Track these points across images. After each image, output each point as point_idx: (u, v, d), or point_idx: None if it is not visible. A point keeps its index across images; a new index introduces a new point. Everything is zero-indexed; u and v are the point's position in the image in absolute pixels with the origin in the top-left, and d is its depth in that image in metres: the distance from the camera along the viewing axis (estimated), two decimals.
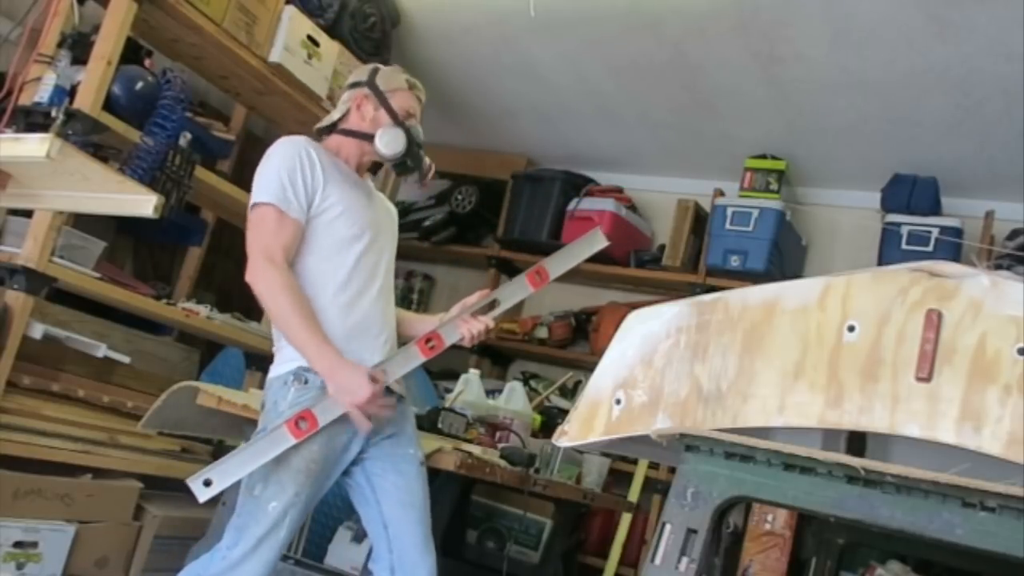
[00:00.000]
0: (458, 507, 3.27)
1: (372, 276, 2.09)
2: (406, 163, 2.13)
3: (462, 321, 2.08)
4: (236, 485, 1.98)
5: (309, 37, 3.21)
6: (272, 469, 1.92)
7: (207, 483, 1.88)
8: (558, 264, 2.11)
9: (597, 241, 2.16)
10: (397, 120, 2.13)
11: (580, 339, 4.52)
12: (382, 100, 2.13)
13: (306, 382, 1.98)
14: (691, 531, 1.30)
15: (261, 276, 1.94)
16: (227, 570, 1.90)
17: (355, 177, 2.16)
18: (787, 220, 3.97)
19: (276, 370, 2.04)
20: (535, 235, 4.40)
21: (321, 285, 2.02)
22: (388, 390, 2.04)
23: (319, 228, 2.03)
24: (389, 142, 2.10)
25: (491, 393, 3.19)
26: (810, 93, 3.52)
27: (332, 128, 2.20)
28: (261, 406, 2.05)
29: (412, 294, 4.93)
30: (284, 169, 2.00)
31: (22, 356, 2.57)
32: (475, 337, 2.07)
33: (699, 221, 4.22)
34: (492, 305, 2.11)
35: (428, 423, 2.59)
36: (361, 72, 2.23)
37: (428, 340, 2.05)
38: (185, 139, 2.76)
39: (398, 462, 2.09)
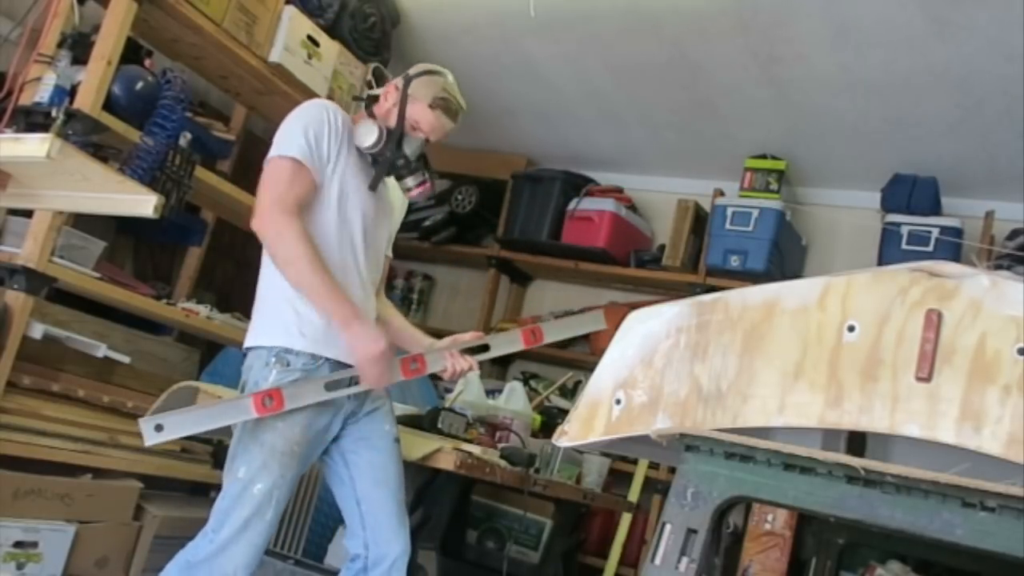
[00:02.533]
0: (458, 507, 3.27)
1: (352, 266, 2.06)
2: (379, 162, 2.09)
3: (450, 355, 2.10)
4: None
5: (309, 37, 3.21)
6: (257, 452, 1.92)
7: (159, 428, 1.87)
8: (555, 332, 2.24)
9: (598, 323, 2.31)
10: (400, 124, 2.09)
11: (580, 339, 4.52)
12: (402, 100, 2.10)
13: (288, 364, 1.96)
14: (691, 531, 1.30)
15: (271, 223, 1.91)
16: (216, 553, 1.90)
17: (367, 159, 2.13)
18: (787, 220, 3.97)
19: (256, 340, 2.01)
20: (535, 235, 4.40)
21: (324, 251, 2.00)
22: None
23: (328, 192, 2.02)
24: (362, 134, 2.06)
25: (491, 393, 3.19)
26: (810, 93, 3.52)
27: (368, 104, 2.18)
28: (241, 387, 2.03)
29: (412, 294, 4.93)
30: (311, 127, 1.99)
31: (22, 356, 2.57)
32: (457, 374, 2.10)
33: (699, 221, 4.22)
34: (482, 349, 2.15)
35: (428, 423, 2.59)
36: (416, 68, 2.18)
37: (413, 361, 2.08)
38: (185, 139, 2.76)
39: (373, 439, 2.10)
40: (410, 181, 2.13)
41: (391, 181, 2.19)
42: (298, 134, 1.98)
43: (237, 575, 1.90)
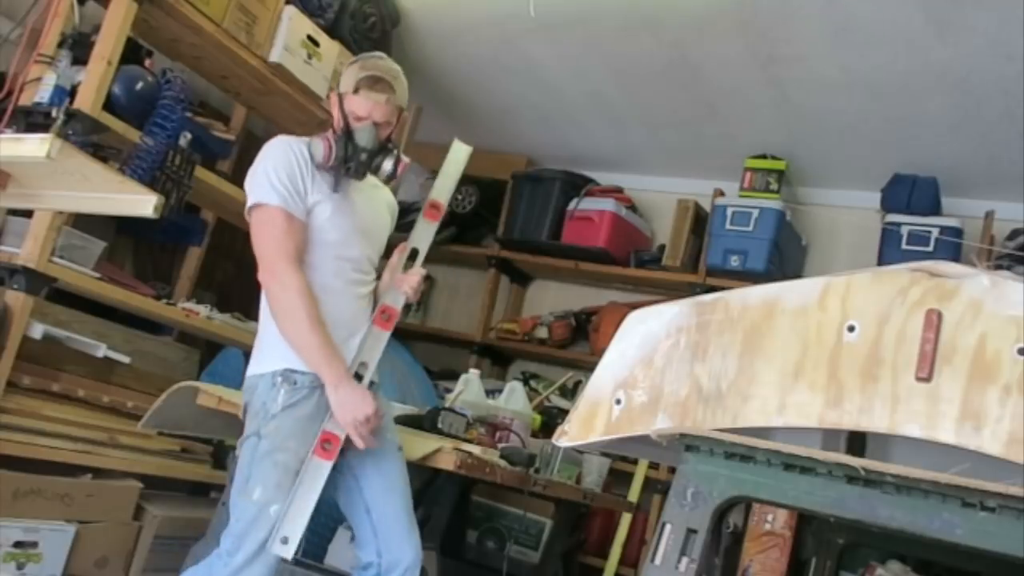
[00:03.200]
0: (458, 507, 3.27)
1: (353, 281, 2.11)
2: (348, 168, 2.09)
3: (399, 282, 2.14)
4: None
5: (309, 37, 3.21)
6: (271, 472, 1.93)
7: (284, 540, 1.90)
8: (441, 187, 2.25)
9: (461, 150, 2.29)
10: (345, 122, 2.09)
11: (580, 339, 4.52)
12: (339, 101, 2.12)
13: (295, 383, 1.98)
14: (691, 531, 1.30)
15: (279, 278, 1.96)
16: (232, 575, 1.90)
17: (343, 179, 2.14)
18: (787, 220, 3.97)
19: (259, 368, 2.03)
20: (535, 235, 4.40)
21: (319, 279, 2.03)
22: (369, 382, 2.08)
23: (312, 225, 2.05)
24: (314, 154, 2.07)
25: (491, 393, 3.19)
26: (810, 93, 3.52)
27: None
28: (244, 408, 2.05)
29: None
30: (283, 170, 2.01)
31: (22, 356, 2.57)
32: (416, 291, 2.14)
33: (699, 221, 4.22)
34: (413, 255, 2.18)
35: (428, 423, 2.59)
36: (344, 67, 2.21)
37: (383, 312, 2.10)
38: (185, 139, 2.76)
39: (377, 448, 2.10)
40: (386, 165, 2.14)
41: (377, 193, 2.23)
42: (275, 180, 2.00)
43: None
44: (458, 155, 2.28)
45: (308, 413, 1.98)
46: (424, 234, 2.21)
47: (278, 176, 2.00)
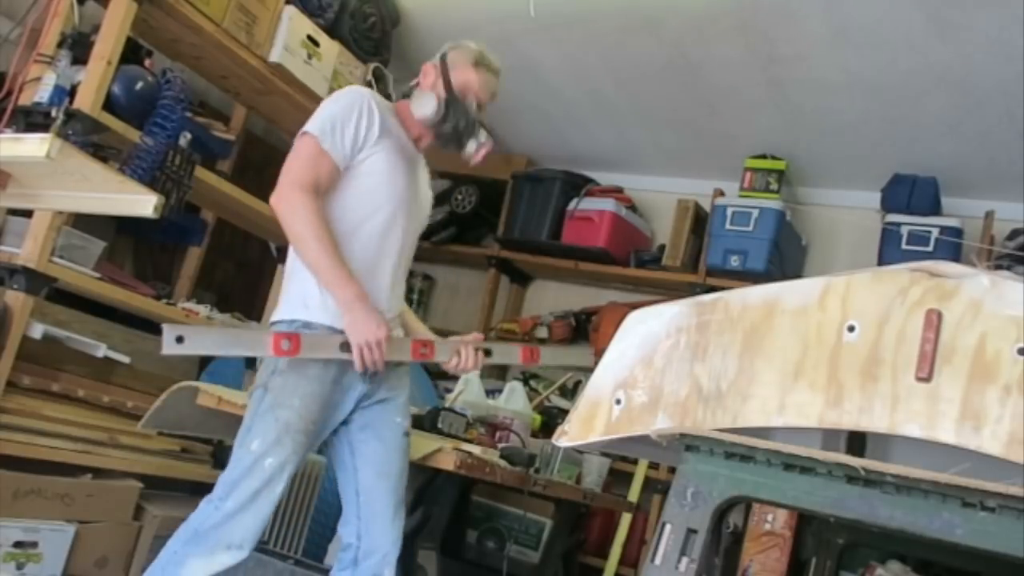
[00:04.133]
0: (458, 507, 3.27)
1: (383, 252, 2.09)
2: (443, 131, 2.13)
3: (461, 348, 2.13)
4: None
5: (309, 37, 3.21)
6: (272, 427, 1.93)
7: (179, 339, 1.87)
8: (551, 358, 2.39)
9: (585, 359, 2.52)
10: (450, 91, 2.13)
11: (580, 339, 4.52)
12: (443, 72, 2.14)
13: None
14: (691, 531, 1.30)
15: (287, 199, 1.95)
16: (223, 521, 1.89)
17: (410, 148, 2.16)
18: (787, 220, 3.97)
19: (278, 315, 2.05)
20: (535, 235, 4.40)
21: (339, 236, 2.01)
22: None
23: (353, 181, 2.04)
24: (419, 105, 2.12)
25: (491, 393, 3.19)
26: (810, 93, 3.52)
27: (406, 96, 2.22)
28: (259, 361, 2.05)
29: (412, 294, 4.92)
30: (341, 111, 2.03)
31: (22, 356, 2.57)
32: (462, 365, 2.13)
33: (699, 221, 4.22)
34: (485, 353, 2.19)
35: (428, 423, 2.59)
36: (446, 46, 2.23)
37: (424, 345, 2.10)
38: (185, 139, 2.76)
39: (382, 429, 2.10)
40: (471, 145, 2.18)
41: (423, 175, 2.23)
42: (327, 117, 2.02)
43: (244, 544, 1.90)
44: (580, 360, 2.68)
45: (315, 373, 1.96)
46: (506, 354, 2.38)
47: (330, 114, 2.02)
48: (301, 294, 2.02)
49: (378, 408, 2.11)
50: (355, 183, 2.04)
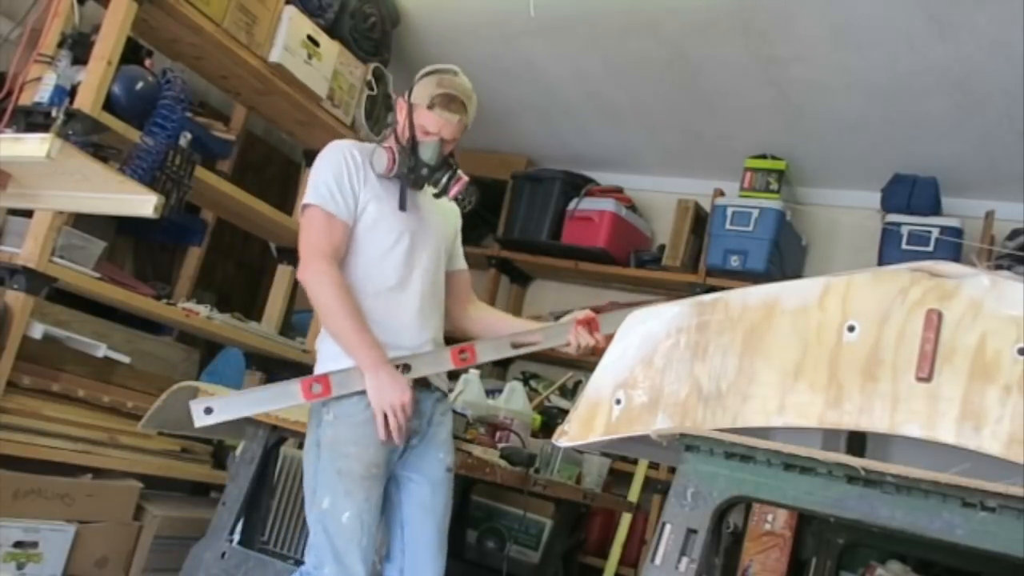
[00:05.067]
0: (458, 507, 3.27)
1: (405, 280, 2.10)
2: (409, 178, 2.13)
3: (575, 329, 2.14)
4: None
5: (309, 37, 3.21)
6: (336, 481, 1.93)
7: (208, 411, 1.88)
8: (610, 323, 2.17)
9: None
10: (411, 134, 2.12)
11: None
12: (408, 111, 2.14)
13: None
14: (691, 531, 1.30)
15: (311, 272, 1.99)
16: None
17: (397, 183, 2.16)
18: (787, 220, 3.97)
19: (316, 368, 2.07)
20: (535, 235, 4.40)
21: (361, 287, 2.05)
22: (427, 384, 2.08)
23: (364, 227, 2.08)
24: (376, 165, 2.11)
25: (491, 393, 3.19)
26: (810, 93, 3.52)
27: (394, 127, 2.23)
28: (313, 413, 2.06)
29: None
30: (331, 172, 2.06)
31: (22, 356, 2.57)
32: (583, 349, 2.13)
33: (699, 221, 4.22)
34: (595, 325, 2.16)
35: None
36: (419, 73, 2.20)
37: (462, 352, 2.09)
38: (185, 139, 2.76)
39: (425, 466, 2.10)
40: (442, 181, 2.18)
41: (443, 200, 2.27)
42: (320, 182, 2.06)
43: None
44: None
45: (363, 418, 1.96)
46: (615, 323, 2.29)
47: (324, 178, 2.06)
48: (329, 352, 2.05)
49: (422, 445, 2.11)
50: (362, 234, 2.08)
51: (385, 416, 1.93)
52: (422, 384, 2.06)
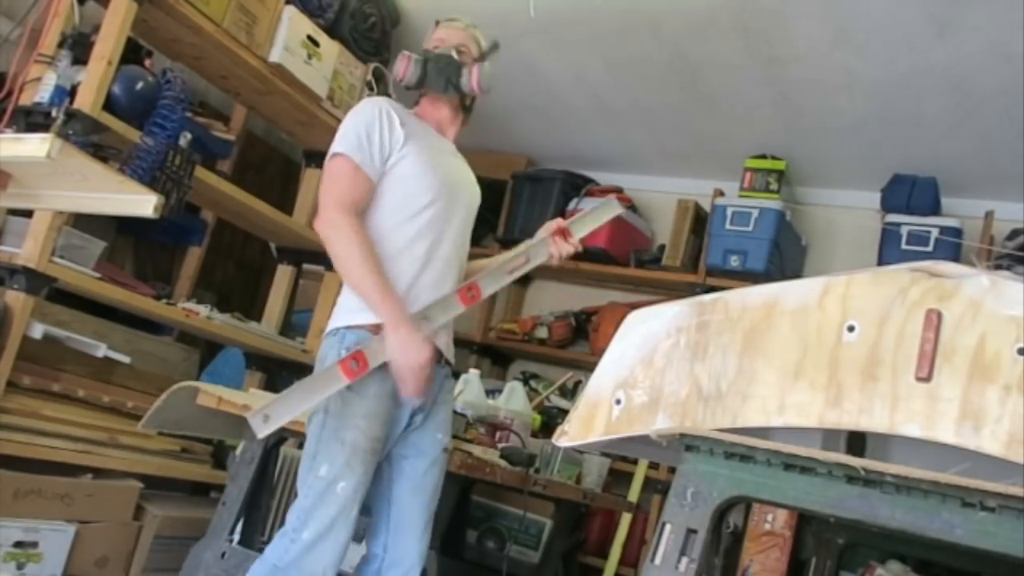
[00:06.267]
0: (458, 507, 3.27)
1: (437, 241, 2.08)
2: (437, 83, 2.16)
3: (552, 240, 2.23)
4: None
5: (309, 37, 3.21)
6: (338, 450, 1.91)
7: (266, 418, 1.84)
8: (581, 225, 2.39)
9: (612, 210, 2.52)
10: (425, 51, 2.19)
11: (580, 339, 4.52)
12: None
13: (356, 341, 1.97)
14: (691, 531, 1.30)
15: (331, 223, 1.96)
16: (303, 553, 1.87)
17: (439, 142, 2.18)
18: (787, 220, 3.97)
19: (332, 323, 2.05)
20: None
21: (389, 243, 2.02)
22: (438, 358, 2.06)
23: (393, 184, 2.05)
24: (396, 70, 2.17)
25: (491, 393, 3.18)
26: (810, 93, 3.53)
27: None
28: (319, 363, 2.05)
29: None
30: (363, 124, 2.04)
31: (22, 356, 2.57)
32: (563, 257, 2.26)
33: (699, 221, 4.22)
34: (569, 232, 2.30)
35: None
36: None
37: (469, 289, 2.09)
38: (185, 139, 2.76)
39: (422, 444, 2.08)
40: (464, 77, 2.19)
41: (461, 163, 2.26)
42: (352, 133, 2.03)
43: (327, 574, 1.88)
44: (608, 212, 2.55)
45: (374, 391, 1.95)
46: (586, 225, 2.44)
47: (356, 129, 2.03)
48: (355, 301, 2.01)
49: (423, 425, 2.09)
50: (391, 191, 2.05)
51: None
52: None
